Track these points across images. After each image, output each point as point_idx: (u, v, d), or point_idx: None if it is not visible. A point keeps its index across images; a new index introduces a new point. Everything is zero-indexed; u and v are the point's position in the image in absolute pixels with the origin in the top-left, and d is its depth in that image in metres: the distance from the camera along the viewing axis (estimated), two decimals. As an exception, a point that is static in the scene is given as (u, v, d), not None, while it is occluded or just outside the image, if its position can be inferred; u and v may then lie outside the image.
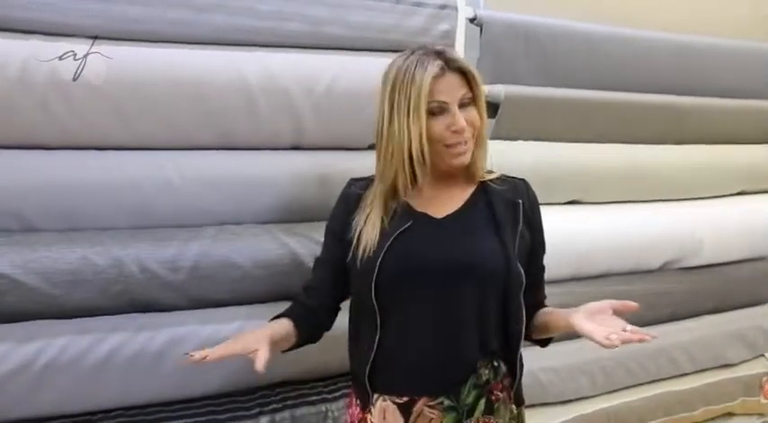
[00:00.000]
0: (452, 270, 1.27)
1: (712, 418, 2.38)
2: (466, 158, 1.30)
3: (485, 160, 1.37)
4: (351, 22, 1.71)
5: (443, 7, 1.80)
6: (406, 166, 1.30)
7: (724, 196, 2.48)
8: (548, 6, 2.13)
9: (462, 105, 1.28)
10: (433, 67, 1.27)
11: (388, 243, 1.28)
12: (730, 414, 2.43)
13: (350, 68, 1.70)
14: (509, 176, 1.41)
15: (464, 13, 1.89)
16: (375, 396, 1.32)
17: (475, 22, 1.93)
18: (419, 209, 1.34)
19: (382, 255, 1.28)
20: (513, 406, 1.35)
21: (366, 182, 1.41)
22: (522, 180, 1.41)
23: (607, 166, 2.17)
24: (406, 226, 1.30)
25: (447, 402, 1.28)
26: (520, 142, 2.03)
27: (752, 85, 2.48)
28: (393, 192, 1.34)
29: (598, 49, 2.12)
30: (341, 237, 1.37)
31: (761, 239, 2.44)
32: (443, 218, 1.33)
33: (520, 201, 1.35)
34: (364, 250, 1.31)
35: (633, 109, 2.19)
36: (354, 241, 1.34)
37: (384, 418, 1.31)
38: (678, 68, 2.29)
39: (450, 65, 1.28)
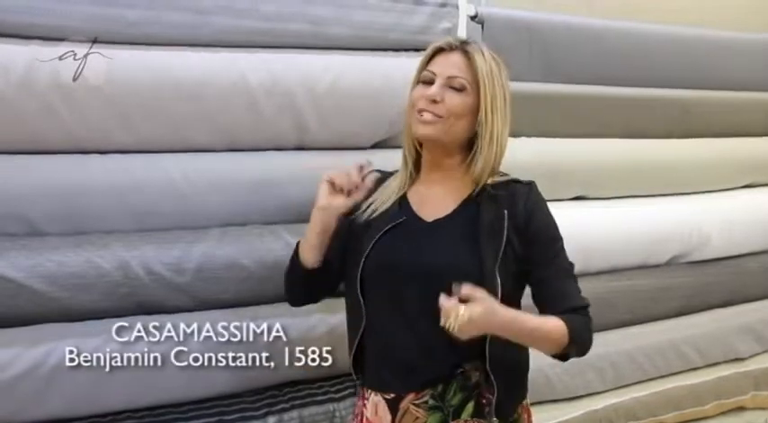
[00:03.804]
0: (426, 276, 1.26)
1: (723, 413, 2.36)
2: (428, 131, 1.29)
3: (488, 164, 1.31)
4: (352, 21, 1.71)
5: (444, 5, 1.80)
6: (405, 138, 1.38)
7: (731, 189, 2.47)
8: (548, 2, 2.12)
9: (452, 87, 1.29)
10: (444, 42, 1.33)
11: (376, 237, 1.31)
12: (741, 408, 2.41)
13: (351, 68, 1.70)
14: (517, 180, 1.36)
15: (465, 10, 1.88)
16: (369, 391, 1.35)
17: (476, 19, 1.93)
18: (414, 207, 1.35)
19: (369, 249, 1.30)
20: (495, 419, 1.28)
21: (387, 174, 1.44)
22: (529, 184, 1.36)
23: (612, 162, 2.17)
24: (396, 223, 1.32)
25: (431, 402, 1.28)
26: (523, 139, 2.02)
27: (756, 78, 2.46)
28: (406, 167, 1.38)
29: (600, 44, 2.11)
30: (352, 215, 1.39)
31: (768, 232, 2.43)
32: (432, 222, 1.33)
33: (505, 212, 1.30)
34: (362, 234, 1.34)
35: (637, 103, 2.19)
36: (361, 217, 1.37)
37: (376, 413, 1.33)
38: (682, 62, 2.28)
39: (461, 45, 1.31)
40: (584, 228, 2.03)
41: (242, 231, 1.63)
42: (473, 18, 1.92)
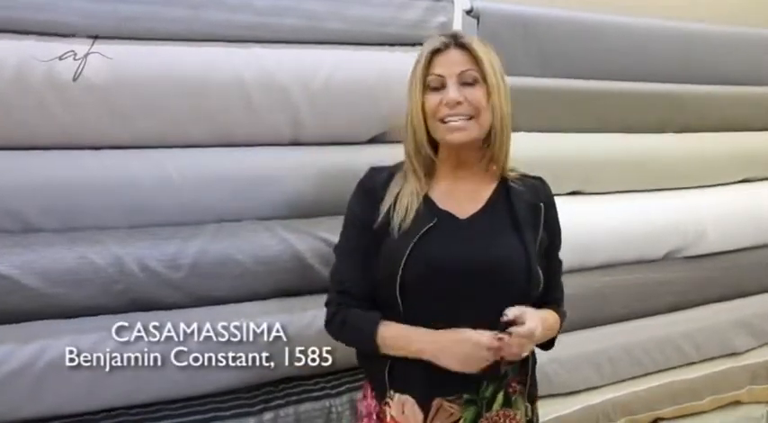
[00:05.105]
0: (475, 272, 1.25)
1: (720, 407, 2.37)
2: (461, 136, 1.27)
3: (507, 154, 1.33)
4: (347, 16, 1.70)
5: (440, -1, 1.80)
6: (411, 146, 1.32)
7: (727, 184, 2.46)
8: (545, -4, 2.12)
9: (465, 83, 1.27)
10: (437, 41, 1.29)
11: (414, 241, 1.26)
12: (737, 402, 2.41)
13: (346, 62, 1.69)
14: (527, 175, 1.40)
15: (460, 4, 1.87)
16: (392, 391, 1.32)
17: (471, 13, 1.91)
18: (442, 207, 1.32)
19: (408, 252, 1.25)
20: (528, 403, 1.35)
21: (389, 171, 1.38)
22: (540, 179, 1.40)
23: (608, 156, 2.16)
24: (431, 224, 1.28)
25: (466, 396, 1.28)
26: (521, 133, 2.01)
27: (752, 73, 2.46)
28: (415, 174, 1.33)
29: (596, 39, 2.10)
30: (369, 226, 1.32)
31: (765, 227, 2.43)
32: (467, 218, 1.32)
33: (541, 204, 1.34)
34: (395, 239, 1.28)
35: (633, 98, 2.18)
36: (387, 225, 1.30)
37: (402, 412, 1.30)
38: (678, 56, 2.27)
39: (456, 41, 1.28)
40: (580, 223, 2.02)
41: (237, 227, 1.62)
42: (468, 12, 1.91)
